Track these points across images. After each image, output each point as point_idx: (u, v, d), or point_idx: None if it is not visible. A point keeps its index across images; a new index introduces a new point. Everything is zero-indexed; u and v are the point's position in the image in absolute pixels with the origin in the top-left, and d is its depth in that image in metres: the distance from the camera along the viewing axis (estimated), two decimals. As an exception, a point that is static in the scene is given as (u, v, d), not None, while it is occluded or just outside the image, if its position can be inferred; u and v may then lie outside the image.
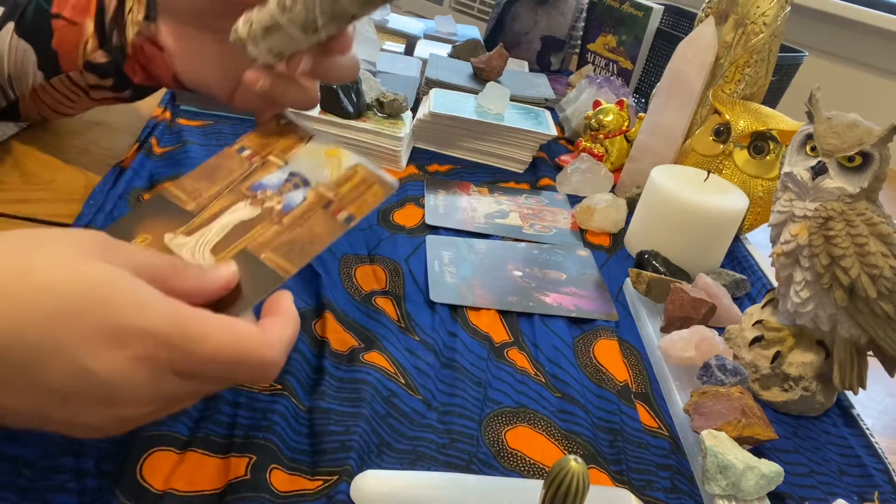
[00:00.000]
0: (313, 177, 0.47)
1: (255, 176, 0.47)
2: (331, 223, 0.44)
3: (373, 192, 0.47)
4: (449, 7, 2.12)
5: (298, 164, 0.48)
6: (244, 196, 0.45)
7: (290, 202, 0.45)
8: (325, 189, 0.46)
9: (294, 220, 0.44)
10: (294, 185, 0.46)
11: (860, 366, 0.58)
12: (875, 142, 0.54)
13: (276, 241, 0.43)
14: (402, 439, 0.49)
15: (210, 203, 0.45)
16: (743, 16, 0.89)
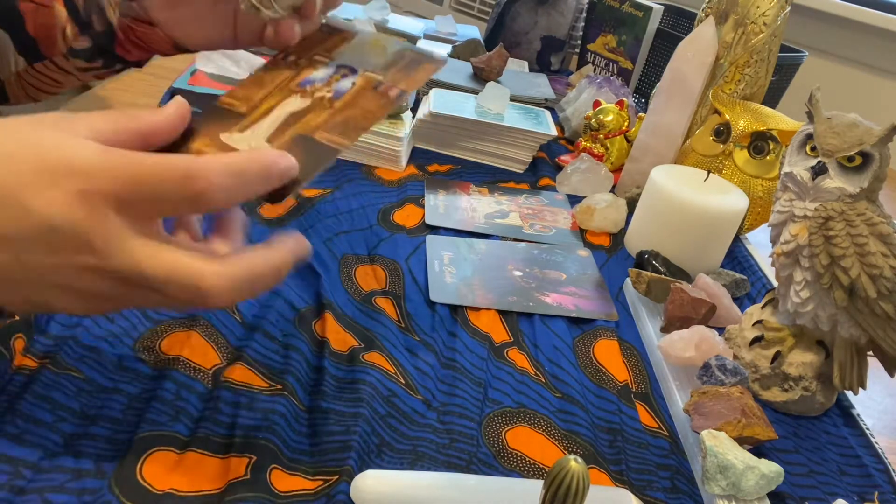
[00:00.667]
0: (360, 65, 0.47)
1: (303, 74, 0.48)
2: (382, 100, 0.45)
3: (423, 69, 0.47)
4: (449, 7, 2.12)
5: (344, 58, 0.48)
6: (294, 92, 0.46)
7: (339, 90, 0.46)
8: (373, 73, 0.47)
9: (345, 104, 0.45)
10: (342, 75, 0.47)
11: (860, 366, 0.58)
12: (875, 142, 0.54)
13: (329, 123, 0.43)
14: (402, 439, 0.50)
15: (261, 102, 0.46)
16: (743, 16, 0.89)
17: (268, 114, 0.45)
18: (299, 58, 0.49)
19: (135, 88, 0.92)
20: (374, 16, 1.32)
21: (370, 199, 0.80)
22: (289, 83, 0.47)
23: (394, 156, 0.88)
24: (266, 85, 0.47)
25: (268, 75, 0.48)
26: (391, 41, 0.50)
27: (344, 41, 0.50)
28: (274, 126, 0.44)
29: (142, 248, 0.36)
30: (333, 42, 0.50)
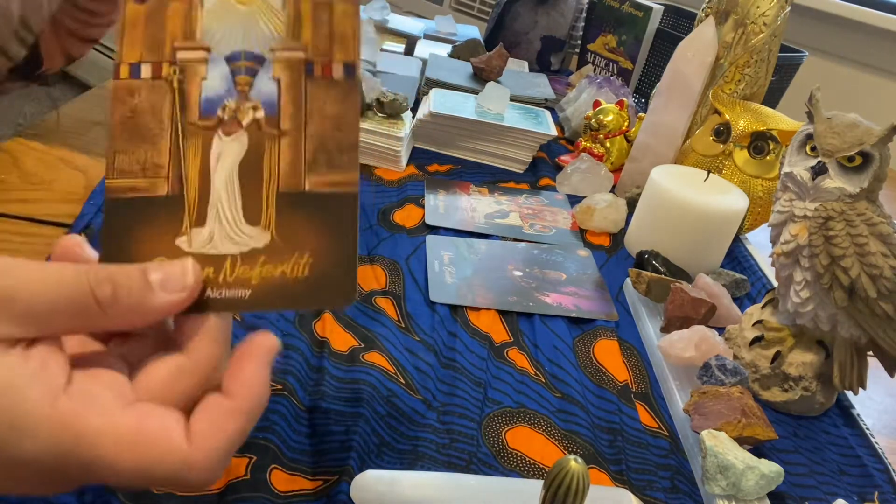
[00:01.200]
0: (257, 44, 0.33)
1: (190, 93, 0.33)
2: (335, 90, 0.33)
3: (342, 14, 0.33)
4: (449, 7, 2.12)
5: (222, 40, 0.33)
6: (207, 130, 0.33)
7: (266, 98, 0.33)
8: (287, 52, 0.33)
9: (294, 118, 0.33)
10: (246, 70, 0.33)
11: (860, 366, 0.58)
12: (875, 142, 0.54)
13: (302, 157, 0.33)
14: (402, 439, 0.49)
15: (179, 168, 0.33)
16: (743, 16, 0.89)
17: (207, 180, 0.32)
18: (156, 64, 0.33)
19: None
20: (374, 16, 1.32)
21: (370, 199, 0.80)
22: (184, 116, 0.33)
23: (394, 156, 0.88)
24: (148, 132, 0.33)
25: (140, 117, 0.33)
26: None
27: (191, 7, 0.34)
28: (236, 195, 0.33)
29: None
30: (180, 14, 0.34)
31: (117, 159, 0.33)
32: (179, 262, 0.31)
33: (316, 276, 0.32)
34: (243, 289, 0.32)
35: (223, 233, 0.32)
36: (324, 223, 0.32)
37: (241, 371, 0.31)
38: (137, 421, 0.28)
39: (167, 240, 0.32)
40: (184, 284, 0.31)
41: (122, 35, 0.33)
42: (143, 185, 0.32)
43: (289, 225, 0.32)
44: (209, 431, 0.29)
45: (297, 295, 0.32)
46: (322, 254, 0.32)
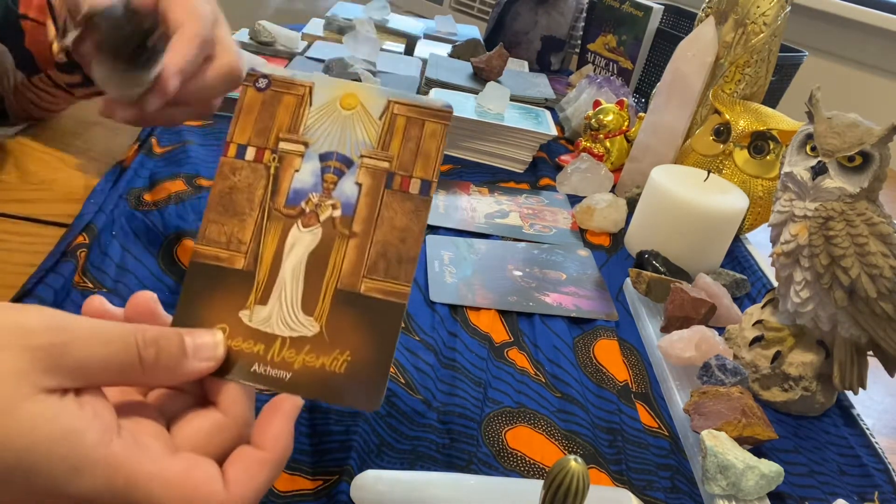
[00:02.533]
0: (350, 148, 0.36)
1: (283, 181, 0.36)
2: (408, 204, 0.36)
3: (430, 134, 0.37)
4: (449, 7, 2.12)
5: (321, 138, 0.37)
6: (289, 217, 0.36)
7: (345, 199, 0.36)
8: (374, 160, 0.36)
9: (366, 223, 0.35)
10: (335, 171, 0.36)
11: (860, 366, 0.58)
12: (875, 142, 0.54)
13: (364, 261, 0.35)
14: (402, 439, 0.49)
15: (257, 248, 0.36)
16: (743, 16, 0.89)
17: (278, 264, 0.35)
18: (259, 150, 0.37)
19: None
20: (374, 16, 1.32)
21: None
22: (273, 203, 0.36)
23: (394, 156, 0.88)
24: (242, 210, 0.36)
25: (236, 193, 0.36)
26: (366, 92, 0.38)
27: (302, 103, 0.37)
28: (299, 283, 0.35)
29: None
30: (289, 110, 0.37)
31: (209, 228, 0.36)
32: (211, 334, 0.35)
33: (350, 375, 0.35)
34: (285, 371, 0.35)
35: (281, 315, 0.35)
36: (369, 327, 0.35)
37: (270, 425, 0.34)
38: (184, 468, 0.32)
39: (232, 310, 0.35)
40: (214, 355, 0.35)
41: (237, 118, 0.37)
42: (224, 256, 0.36)
43: (338, 321, 0.35)
44: (243, 479, 0.33)
45: (329, 388, 0.35)
46: (361, 355, 0.35)
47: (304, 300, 0.35)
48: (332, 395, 0.35)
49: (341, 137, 0.37)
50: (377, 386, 0.35)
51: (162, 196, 0.69)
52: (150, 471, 0.31)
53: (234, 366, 0.35)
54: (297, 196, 0.36)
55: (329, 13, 1.26)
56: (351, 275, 0.35)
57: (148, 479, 0.31)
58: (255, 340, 0.35)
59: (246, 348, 0.35)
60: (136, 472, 0.31)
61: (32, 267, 0.56)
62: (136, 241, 0.63)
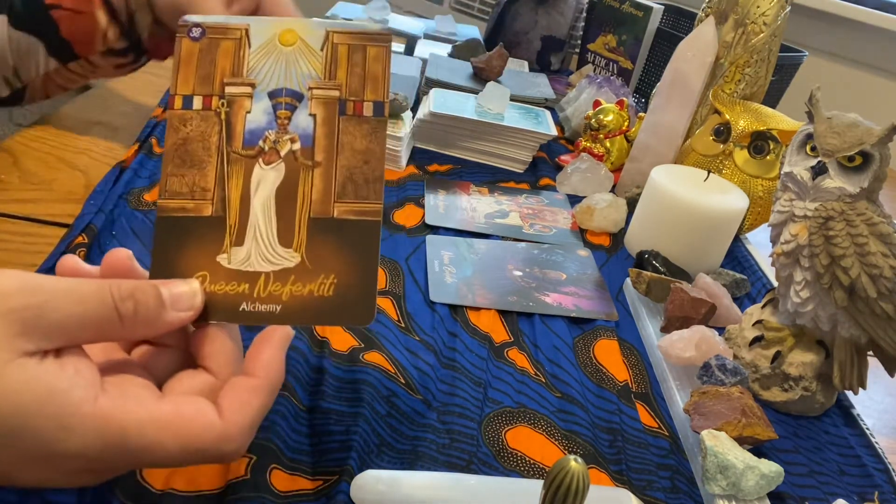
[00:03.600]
0: (297, 82, 0.37)
1: (236, 125, 0.37)
2: (364, 126, 0.37)
3: (374, 58, 0.37)
4: (449, 7, 2.12)
5: (267, 77, 0.37)
6: (249, 158, 0.36)
7: (302, 131, 0.37)
8: (323, 90, 0.37)
9: (327, 151, 0.36)
10: (286, 106, 0.37)
11: (860, 366, 0.58)
12: (875, 142, 0.54)
13: (332, 187, 0.36)
14: (402, 439, 0.49)
15: (223, 192, 0.36)
16: (743, 15, 0.89)
17: (247, 204, 0.36)
18: (206, 98, 0.37)
19: (134, 88, 0.92)
20: (374, 16, 1.32)
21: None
22: (229, 145, 0.36)
23: (394, 155, 0.88)
24: (198, 158, 0.36)
25: (190, 144, 0.36)
26: (303, 25, 0.38)
27: (241, 45, 0.38)
28: (273, 219, 0.36)
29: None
30: (229, 53, 0.37)
31: (169, 182, 0.36)
32: (188, 283, 0.35)
33: (340, 295, 0.36)
34: (274, 304, 0.36)
35: (259, 252, 0.35)
36: (349, 248, 0.35)
37: (261, 354, 0.35)
38: (174, 407, 0.32)
39: (209, 256, 0.35)
40: (192, 304, 0.35)
41: (176, 70, 0.37)
42: (190, 206, 0.36)
43: (318, 248, 0.36)
44: (238, 407, 0.33)
45: (321, 312, 0.36)
46: (346, 276, 0.36)
47: (279, 234, 0.36)
48: (326, 318, 0.36)
49: (286, 73, 0.37)
50: (367, 301, 0.36)
51: (162, 196, 0.69)
52: (140, 416, 0.31)
53: (221, 309, 0.35)
54: (253, 136, 0.36)
55: (329, 13, 1.26)
56: (322, 202, 0.36)
57: (139, 425, 0.31)
58: (239, 281, 0.35)
59: (230, 290, 0.35)
60: (126, 421, 0.31)
61: (32, 267, 0.56)
62: (136, 241, 0.63)
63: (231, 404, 0.33)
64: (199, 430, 0.32)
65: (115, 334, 0.33)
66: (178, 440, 0.32)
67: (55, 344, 0.31)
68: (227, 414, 0.33)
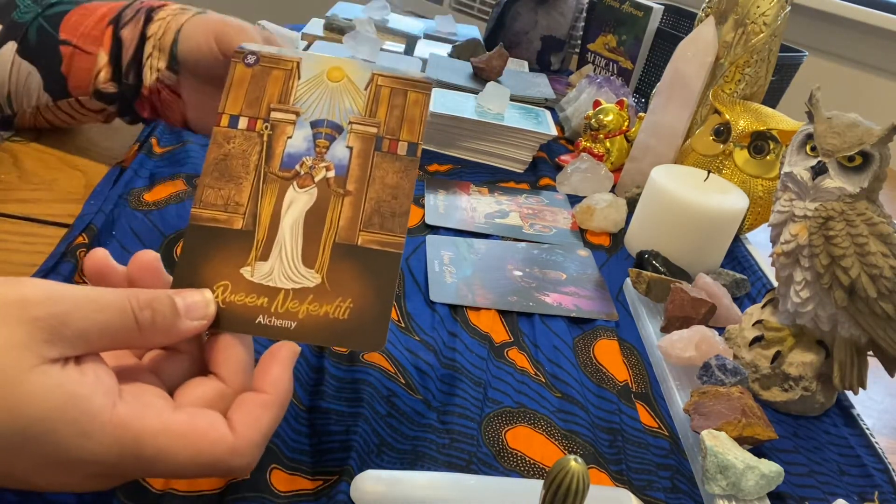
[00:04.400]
0: (339, 116, 0.39)
1: (276, 147, 0.39)
2: (397, 164, 0.38)
3: (414, 103, 0.40)
4: (449, 7, 2.12)
5: (311, 108, 0.40)
6: (284, 179, 0.38)
7: (338, 161, 0.39)
8: (363, 126, 0.39)
9: (359, 182, 0.38)
10: (326, 136, 0.39)
11: (860, 366, 0.58)
12: (875, 142, 0.54)
13: (359, 216, 0.38)
14: (402, 439, 0.49)
15: (255, 208, 0.38)
16: (743, 16, 0.89)
17: (276, 222, 0.38)
18: (252, 120, 0.39)
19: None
20: (374, 16, 1.32)
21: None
22: (268, 167, 0.38)
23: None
24: (237, 175, 0.38)
25: (231, 160, 0.38)
26: (352, 66, 0.41)
27: (291, 76, 0.40)
28: (299, 239, 0.37)
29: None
30: (279, 82, 0.40)
31: (205, 193, 0.38)
32: (201, 293, 0.36)
33: (354, 320, 0.37)
34: (290, 320, 0.37)
35: (282, 269, 0.37)
36: (368, 275, 0.37)
37: (269, 371, 0.36)
38: (189, 419, 0.33)
39: (233, 267, 0.37)
40: (205, 313, 0.36)
41: (227, 91, 0.39)
42: (222, 218, 0.37)
43: (338, 272, 0.37)
44: (248, 422, 0.34)
45: (335, 334, 0.37)
46: (362, 301, 0.37)
47: (304, 254, 0.37)
48: (338, 339, 0.37)
49: (330, 106, 0.39)
50: (380, 328, 0.37)
51: (162, 196, 0.69)
52: (155, 426, 0.32)
53: (238, 319, 0.36)
54: (291, 160, 0.38)
55: (329, 13, 1.26)
56: (348, 229, 0.37)
57: (154, 434, 0.32)
58: (259, 294, 0.37)
59: (249, 302, 0.37)
60: (142, 429, 0.32)
61: (32, 267, 0.56)
62: (136, 241, 0.63)
63: (242, 419, 0.34)
64: (211, 443, 0.33)
65: (132, 342, 0.34)
66: (191, 452, 0.32)
67: (77, 351, 0.32)
68: (239, 428, 0.34)
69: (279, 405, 0.35)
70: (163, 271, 0.37)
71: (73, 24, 0.65)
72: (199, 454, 0.32)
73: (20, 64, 0.65)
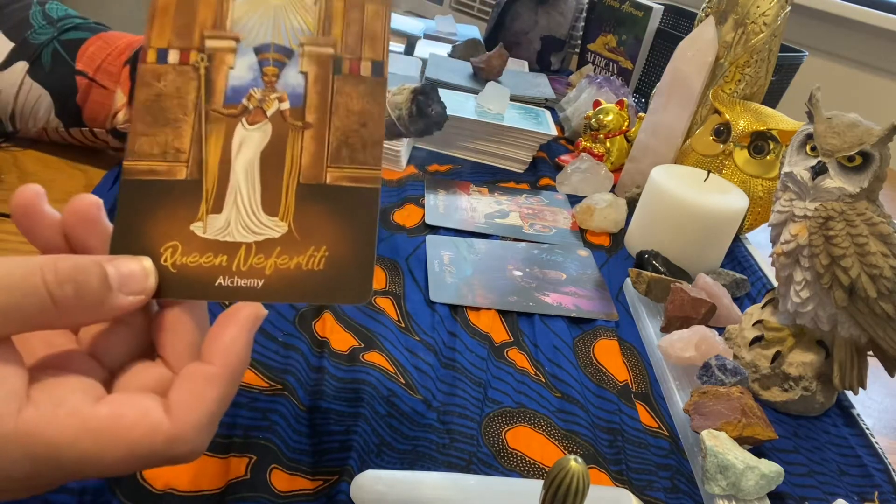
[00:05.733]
0: (287, 37, 0.34)
1: (217, 81, 0.33)
2: (362, 87, 0.33)
3: (373, 15, 0.34)
4: (449, 7, 2.12)
5: (253, 31, 0.33)
6: (230, 117, 0.33)
7: (292, 90, 0.33)
8: (316, 47, 0.33)
9: (320, 111, 0.33)
10: (274, 62, 0.33)
11: (860, 366, 0.58)
12: (875, 142, 0.54)
13: (325, 151, 0.33)
14: (402, 439, 0.49)
15: (200, 154, 0.32)
16: (743, 16, 0.89)
17: (227, 167, 0.32)
18: (184, 52, 0.33)
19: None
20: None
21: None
22: (208, 104, 0.33)
23: (394, 156, 0.88)
24: (172, 116, 0.32)
25: (164, 100, 0.32)
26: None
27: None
28: (257, 185, 0.32)
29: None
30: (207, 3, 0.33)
31: (137, 142, 0.32)
32: (139, 261, 0.30)
33: (331, 270, 0.32)
34: (256, 278, 0.32)
35: (240, 221, 0.32)
36: (343, 217, 0.32)
37: (221, 336, 0.30)
38: (111, 411, 0.28)
39: (181, 225, 0.31)
40: (144, 286, 0.30)
41: (152, 20, 0.33)
42: (161, 169, 0.32)
43: (307, 217, 0.32)
44: (190, 402, 0.29)
45: (310, 288, 0.32)
46: (339, 248, 0.32)
47: (264, 201, 0.32)
48: (316, 294, 0.32)
49: (275, 28, 0.34)
50: (363, 276, 0.32)
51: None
52: (71, 429, 0.27)
53: (193, 284, 0.31)
54: (236, 94, 0.33)
55: None
56: (313, 167, 0.32)
57: (73, 439, 0.27)
58: (215, 252, 0.31)
59: (205, 262, 0.31)
60: (57, 435, 0.27)
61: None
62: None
63: (182, 399, 0.29)
64: (143, 435, 0.28)
65: (51, 323, 0.28)
66: (121, 449, 0.27)
67: None
68: (178, 412, 0.28)
69: (229, 378, 0.29)
70: (104, 221, 0.31)
71: (90, 56, 0.65)
72: (132, 449, 0.27)
73: (31, 86, 0.65)
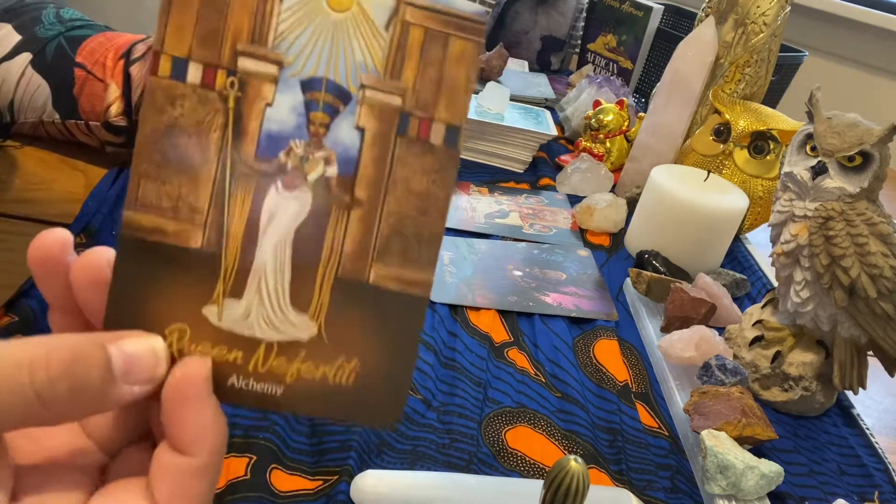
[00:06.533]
0: (345, 72, 0.25)
1: (248, 119, 0.24)
2: (429, 159, 0.25)
3: (458, 57, 0.25)
4: (449, 7, 2.11)
5: (303, 55, 0.24)
6: (262, 173, 0.24)
7: (343, 150, 0.25)
8: (380, 93, 0.25)
9: (373, 186, 0.25)
10: (325, 107, 0.25)
11: (860, 366, 0.57)
12: (875, 142, 0.54)
13: (372, 240, 0.25)
14: (402, 439, 0.49)
15: (221, 217, 0.25)
16: (743, 16, 0.89)
17: (253, 240, 0.25)
18: (209, 69, 0.24)
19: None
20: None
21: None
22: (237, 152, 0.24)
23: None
24: (187, 156, 0.24)
25: (180, 136, 0.24)
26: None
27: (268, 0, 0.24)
28: (287, 270, 0.25)
29: None
30: (243, 2, 0.24)
31: (142, 186, 0.24)
32: (147, 342, 0.24)
33: (361, 388, 0.26)
34: (275, 384, 0.26)
35: (262, 312, 0.25)
36: (382, 327, 0.26)
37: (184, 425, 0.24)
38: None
39: (193, 305, 0.25)
40: (151, 375, 0.24)
41: (167, 13, 0.24)
42: (171, 230, 0.24)
43: (341, 320, 0.26)
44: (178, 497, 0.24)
45: (336, 405, 0.26)
46: (372, 363, 0.26)
47: (293, 292, 0.25)
48: (339, 412, 0.26)
49: (331, 55, 0.25)
50: (395, 400, 0.26)
51: (162, 196, 0.69)
52: None
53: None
54: (273, 144, 0.24)
55: None
56: (355, 258, 0.25)
57: None
58: (230, 346, 0.25)
59: (217, 356, 0.25)
60: None
61: (32, 267, 0.56)
62: (135, 241, 0.63)
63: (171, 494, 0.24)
64: None
65: (39, 422, 0.23)
66: None
67: None
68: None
69: (213, 466, 0.24)
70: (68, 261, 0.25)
71: (90, 50, 0.67)
72: None
73: (31, 76, 0.67)
